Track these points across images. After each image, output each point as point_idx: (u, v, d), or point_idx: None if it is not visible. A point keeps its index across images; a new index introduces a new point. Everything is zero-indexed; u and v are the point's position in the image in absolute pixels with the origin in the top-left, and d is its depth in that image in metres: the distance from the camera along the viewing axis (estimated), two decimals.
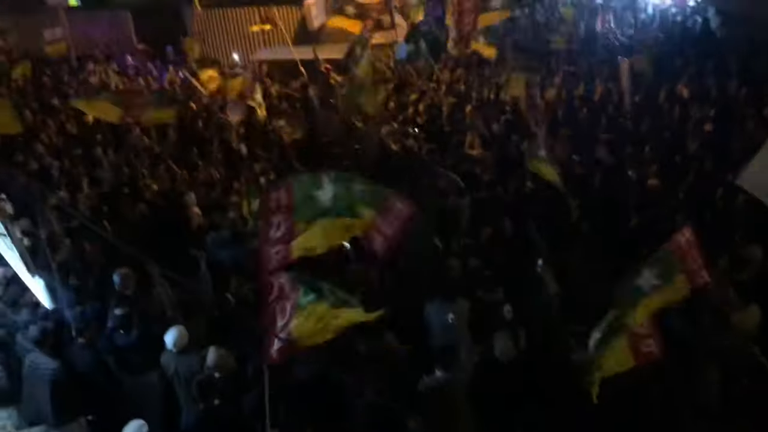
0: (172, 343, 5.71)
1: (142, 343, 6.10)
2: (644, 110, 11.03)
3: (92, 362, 5.94)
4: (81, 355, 5.97)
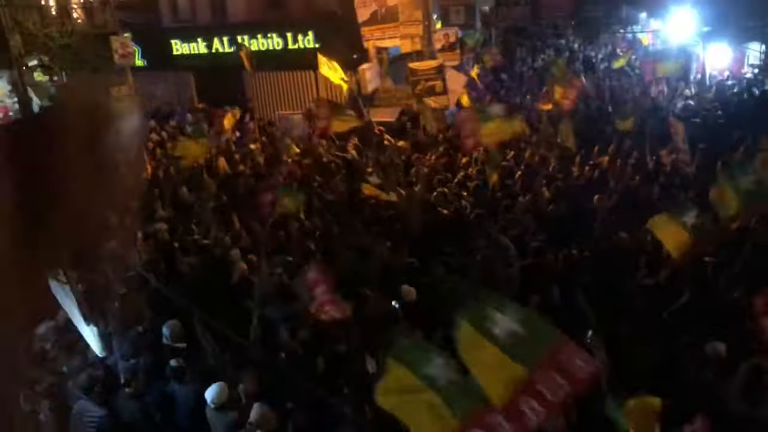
0: (211, 399, 5.73)
1: (194, 398, 6.12)
2: (700, 180, 10.85)
3: (139, 413, 6.00)
4: (127, 405, 6.04)
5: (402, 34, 18.16)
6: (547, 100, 14.40)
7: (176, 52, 21.75)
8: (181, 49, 21.67)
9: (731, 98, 18.02)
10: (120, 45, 19.78)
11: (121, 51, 19.82)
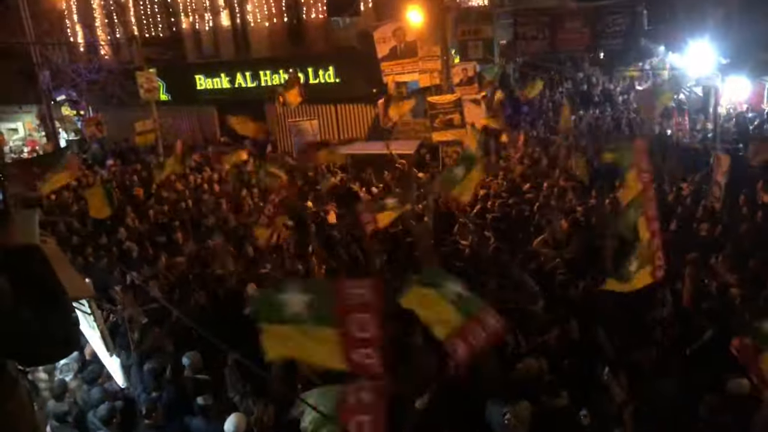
0: (230, 430, 5.76)
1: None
2: (725, 214, 10.79)
3: None
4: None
5: (421, 69, 18.39)
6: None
7: (200, 86, 22.23)
8: (205, 83, 22.15)
9: (752, 132, 17.96)
10: (145, 80, 20.26)
11: (146, 86, 20.30)
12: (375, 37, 18.18)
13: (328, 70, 19.93)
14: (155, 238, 12.09)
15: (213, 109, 22.59)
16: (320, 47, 20.86)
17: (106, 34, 25.11)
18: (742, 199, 11.33)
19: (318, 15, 20.52)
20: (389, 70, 18.52)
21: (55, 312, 2.22)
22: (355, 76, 19.46)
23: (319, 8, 20.33)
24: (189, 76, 22.38)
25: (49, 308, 2.20)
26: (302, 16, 20.95)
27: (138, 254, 11.21)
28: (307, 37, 21.11)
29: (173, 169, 14.68)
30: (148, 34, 23.79)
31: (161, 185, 15.25)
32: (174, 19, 23.52)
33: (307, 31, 21.04)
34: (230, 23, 22.51)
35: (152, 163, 17.52)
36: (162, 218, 13.33)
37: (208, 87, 22.17)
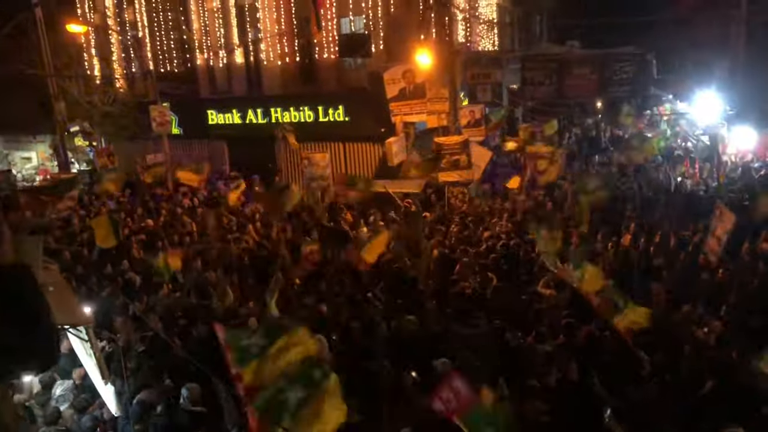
0: None
1: None
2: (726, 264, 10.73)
3: None
4: None
5: (429, 110, 18.64)
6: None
7: (212, 121, 22.56)
8: (217, 119, 22.48)
9: (757, 181, 17.96)
10: (158, 113, 20.63)
11: (159, 119, 20.66)
12: (385, 78, 18.47)
13: (338, 108, 20.23)
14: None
15: (223, 143, 22.89)
16: (331, 86, 21.21)
17: (122, 68, 25.63)
18: (744, 248, 11.30)
19: (330, 55, 20.90)
20: (398, 111, 18.77)
21: (33, 333, 2.33)
22: (364, 116, 19.73)
23: (331, 49, 20.71)
24: (201, 111, 22.74)
25: (28, 328, 2.31)
26: (314, 56, 21.34)
27: (141, 285, 11.27)
28: (319, 76, 21.47)
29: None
30: (164, 68, 24.28)
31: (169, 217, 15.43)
32: (189, 55, 24.01)
33: (319, 70, 21.41)
34: (244, 61, 22.95)
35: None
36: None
37: (219, 122, 22.50)
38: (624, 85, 19.68)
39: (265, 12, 21.82)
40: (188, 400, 6.78)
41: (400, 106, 18.72)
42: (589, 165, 20.60)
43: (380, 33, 20.28)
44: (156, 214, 16.22)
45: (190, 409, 6.80)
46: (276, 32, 21.54)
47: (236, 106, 22.09)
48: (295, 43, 21.61)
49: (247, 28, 22.61)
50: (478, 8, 25.73)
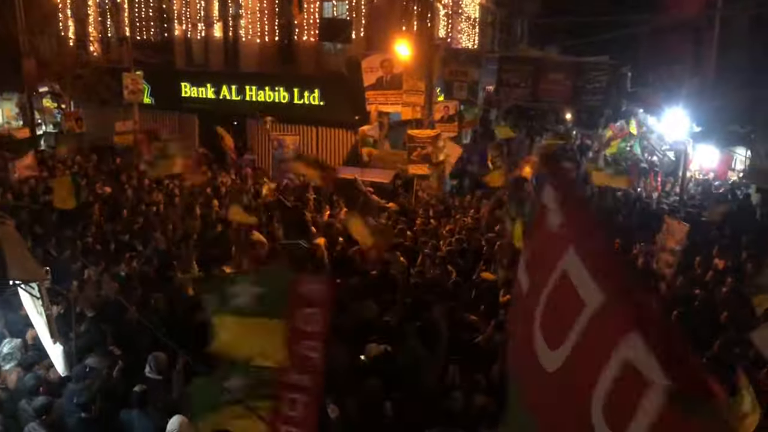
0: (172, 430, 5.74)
1: (154, 428, 6.08)
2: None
3: None
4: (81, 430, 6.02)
5: (404, 102, 18.70)
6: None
7: (185, 94, 22.32)
8: (190, 92, 22.24)
9: (714, 198, 18.52)
10: (131, 81, 20.34)
11: (131, 87, 20.37)
12: (363, 66, 18.48)
13: (314, 92, 20.19)
14: (120, 237, 12.07)
15: (195, 117, 22.66)
16: (309, 69, 21.13)
17: (98, 32, 25.14)
18: (697, 262, 11.67)
19: (310, 38, 20.81)
20: (373, 99, 18.81)
21: None
22: (339, 101, 19.74)
23: (312, 32, 20.63)
24: (175, 83, 22.47)
25: None
26: (294, 37, 21.22)
27: (101, 251, 11.18)
28: (297, 57, 21.37)
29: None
30: (140, 36, 23.89)
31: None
32: (167, 25, 23.66)
33: (297, 52, 21.30)
34: (222, 35, 22.71)
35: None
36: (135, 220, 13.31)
37: (192, 95, 22.27)
38: (597, 95, 20.00)
39: None
40: (155, 369, 6.71)
41: (376, 95, 18.75)
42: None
43: (362, 20, 20.26)
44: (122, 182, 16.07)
45: (152, 377, 6.74)
46: (257, 10, 21.36)
47: (211, 81, 21.89)
48: (276, 22, 21.46)
49: (228, 3, 22.35)
50: (461, 5, 25.86)
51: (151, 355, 6.76)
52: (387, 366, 7.34)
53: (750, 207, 17.12)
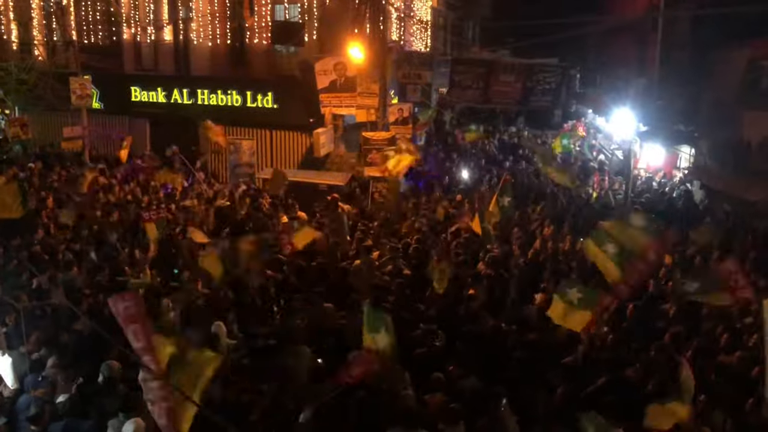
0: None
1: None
2: None
3: None
4: None
5: (358, 104, 18.78)
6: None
7: (135, 98, 21.91)
8: (140, 96, 21.85)
9: (661, 195, 19.10)
10: (79, 86, 19.84)
11: (79, 92, 19.87)
12: (316, 69, 18.49)
13: (267, 95, 20.06)
14: (70, 245, 11.82)
15: (145, 122, 22.29)
16: (261, 72, 21.03)
17: (43, 36, 24.51)
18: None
19: (261, 41, 20.72)
20: (327, 102, 18.83)
21: None
22: (293, 104, 19.68)
23: (264, 35, 20.54)
24: (124, 87, 22.04)
25: None
26: (246, 40, 21.11)
27: (49, 259, 10.92)
28: (249, 60, 21.26)
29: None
30: (87, 40, 23.41)
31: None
32: (115, 28, 23.23)
33: (250, 55, 21.19)
34: (172, 39, 22.41)
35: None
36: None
37: (143, 99, 21.88)
38: (546, 95, 20.44)
39: None
40: (108, 375, 6.60)
41: (330, 98, 18.79)
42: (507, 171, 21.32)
43: (314, 23, 20.27)
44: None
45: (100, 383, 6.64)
46: (208, 13, 21.15)
47: (162, 85, 21.54)
48: (227, 25, 21.29)
49: (178, 6, 22.09)
50: (413, 8, 26.09)
51: (104, 363, 6.66)
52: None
53: (694, 203, 17.72)
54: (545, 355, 7.97)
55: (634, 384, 7.56)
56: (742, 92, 15.71)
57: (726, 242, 12.97)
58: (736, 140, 15.54)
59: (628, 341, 8.55)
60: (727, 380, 7.39)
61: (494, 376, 7.34)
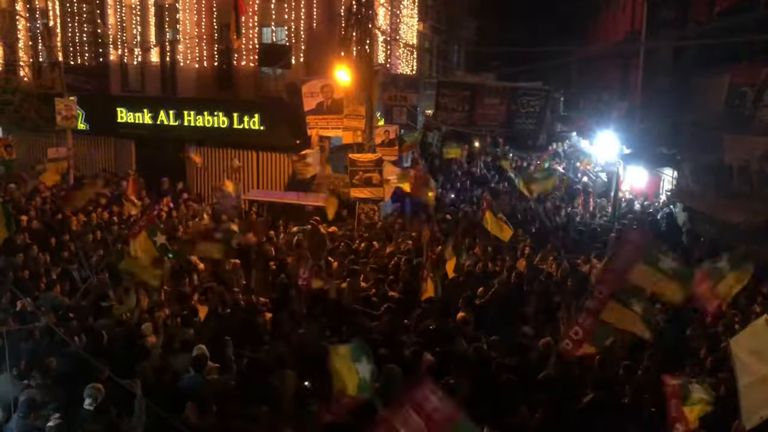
0: None
1: None
2: None
3: None
4: None
5: (345, 126, 18.82)
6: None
7: (121, 119, 21.86)
8: (126, 117, 21.81)
9: (645, 217, 19.32)
10: (64, 107, 19.80)
11: (64, 113, 19.82)
12: (303, 91, 18.57)
13: (254, 117, 20.10)
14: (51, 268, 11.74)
15: (131, 143, 22.26)
16: (248, 94, 21.09)
17: (29, 56, 24.45)
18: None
19: (249, 63, 20.81)
20: (314, 124, 18.89)
21: None
22: (280, 126, 19.73)
23: (251, 57, 20.63)
24: (110, 108, 21.99)
25: None
26: (233, 62, 21.19)
27: (31, 282, 10.83)
28: (236, 83, 21.30)
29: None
30: (73, 61, 23.36)
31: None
32: (102, 49, 23.22)
33: (236, 77, 21.24)
34: (159, 60, 22.45)
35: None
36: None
37: (129, 121, 21.82)
38: (531, 118, 20.67)
39: (186, 13, 21.48)
40: (93, 400, 6.54)
41: (317, 120, 18.85)
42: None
43: (301, 45, 20.39)
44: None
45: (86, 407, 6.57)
46: (195, 35, 21.23)
47: (148, 106, 21.51)
48: (214, 47, 21.37)
49: (165, 28, 22.15)
50: (399, 32, 26.36)
51: (88, 387, 6.60)
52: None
53: (676, 225, 17.94)
54: (528, 377, 7.99)
55: (621, 403, 7.61)
56: (722, 116, 16.00)
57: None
58: (717, 163, 15.77)
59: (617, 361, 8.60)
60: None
61: (478, 398, 7.36)
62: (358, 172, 16.62)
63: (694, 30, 19.30)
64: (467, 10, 36.19)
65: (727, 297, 7.57)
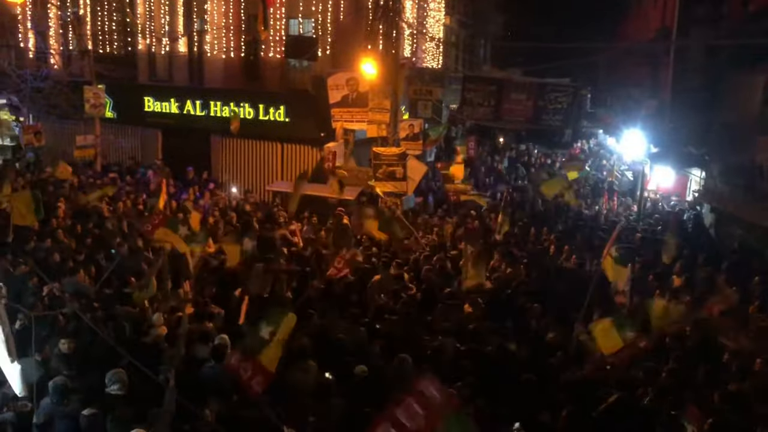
0: None
1: None
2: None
3: None
4: None
5: (370, 119, 18.78)
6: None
7: (148, 108, 22.08)
8: (153, 106, 22.02)
9: (672, 217, 19.03)
10: (93, 95, 20.05)
11: (93, 101, 20.08)
12: (328, 84, 18.54)
13: (279, 108, 20.18)
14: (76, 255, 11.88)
15: (158, 132, 22.46)
16: (274, 86, 21.14)
17: (59, 45, 24.77)
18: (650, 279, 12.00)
19: (275, 55, 20.85)
20: (339, 117, 18.85)
21: None
22: (305, 118, 19.77)
23: (278, 48, 20.68)
24: (138, 97, 22.23)
25: None
26: (259, 53, 21.25)
27: (58, 266, 10.97)
28: (262, 74, 21.37)
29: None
30: (102, 50, 23.63)
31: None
32: (130, 39, 23.45)
33: (263, 68, 21.31)
34: (187, 50, 22.59)
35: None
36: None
37: (156, 110, 22.04)
38: (557, 115, 20.41)
39: (213, 4, 21.59)
40: (118, 385, 6.61)
41: (342, 113, 18.80)
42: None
43: (328, 38, 20.40)
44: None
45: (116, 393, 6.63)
46: (222, 25, 21.33)
47: (175, 96, 21.69)
48: (241, 38, 21.46)
49: (193, 18, 22.27)
50: (426, 26, 26.23)
51: (110, 372, 6.65)
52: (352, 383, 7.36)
53: (703, 226, 17.65)
54: (551, 376, 7.94)
55: (643, 405, 7.51)
56: (757, 117, 15.67)
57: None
58: (748, 164, 15.46)
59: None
60: (734, 408, 7.30)
61: (500, 397, 7.31)
62: (381, 165, 16.58)
63: (726, 28, 18.90)
64: (495, 5, 35.91)
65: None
